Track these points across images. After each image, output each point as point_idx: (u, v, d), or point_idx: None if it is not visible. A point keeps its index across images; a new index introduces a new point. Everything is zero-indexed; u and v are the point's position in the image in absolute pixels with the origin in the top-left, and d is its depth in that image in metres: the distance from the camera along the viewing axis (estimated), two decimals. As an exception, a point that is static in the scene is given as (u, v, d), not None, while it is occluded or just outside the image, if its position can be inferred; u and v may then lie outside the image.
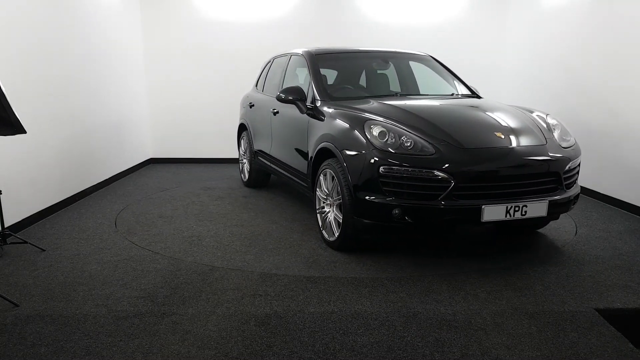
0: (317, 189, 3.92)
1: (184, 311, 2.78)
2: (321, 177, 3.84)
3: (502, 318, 2.71)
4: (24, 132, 3.23)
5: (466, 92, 4.66)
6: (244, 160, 6.10)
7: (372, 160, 3.28)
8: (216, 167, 7.49)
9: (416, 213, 3.23)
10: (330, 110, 3.92)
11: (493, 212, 3.19)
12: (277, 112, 4.85)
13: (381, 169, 3.24)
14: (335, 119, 3.79)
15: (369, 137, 3.37)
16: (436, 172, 3.15)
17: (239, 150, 6.38)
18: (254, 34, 7.47)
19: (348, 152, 3.47)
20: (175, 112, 7.71)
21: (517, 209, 3.22)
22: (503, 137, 3.42)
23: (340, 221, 3.60)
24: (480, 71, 7.57)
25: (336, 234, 3.69)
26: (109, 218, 4.67)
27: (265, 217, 4.70)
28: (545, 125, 3.73)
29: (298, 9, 7.44)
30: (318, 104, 4.13)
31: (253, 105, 5.71)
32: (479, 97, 4.58)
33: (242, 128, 6.15)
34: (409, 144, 3.28)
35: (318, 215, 3.95)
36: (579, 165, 3.66)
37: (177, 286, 3.12)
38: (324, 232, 3.88)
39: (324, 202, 3.86)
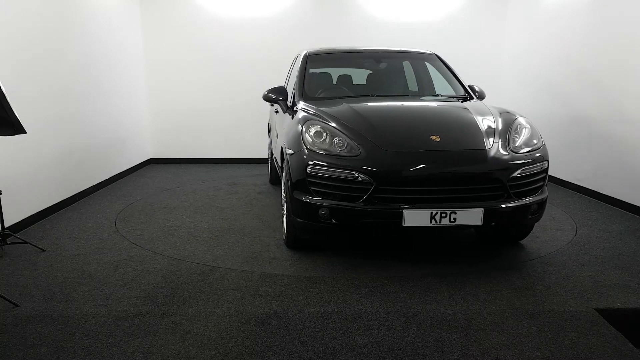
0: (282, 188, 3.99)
1: (184, 311, 2.78)
2: (283, 176, 3.88)
3: (502, 318, 2.71)
4: (24, 132, 3.24)
5: (462, 91, 4.55)
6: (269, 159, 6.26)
7: (303, 160, 3.32)
8: (217, 167, 7.50)
9: (339, 214, 3.21)
10: (298, 110, 3.97)
11: (415, 217, 3.10)
12: (278, 112, 4.88)
13: (308, 168, 3.28)
14: (293, 118, 3.84)
15: (304, 136, 3.42)
16: (357, 174, 3.15)
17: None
18: (255, 33, 7.47)
19: (289, 151, 3.53)
20: (175, 112, 7.72)
21: (444, 215, 3.09)
22: (438, 140, 3.29)
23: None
24: (481, 69, 7.58)
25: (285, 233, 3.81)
26: (109, 218, 4.67)
27: (254, 214, 4.79)
28: (501, 129, 3.48)
29: (298, 9, 7.44)
30: (294, 103, 4.21)
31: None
32: (468, 98, 4.41)
33: (268, 127, 6.32)
34: (340, 145, 3.29)
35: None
36: (540, 173, 3.39)
37: (177, 286, 3.12)
38: (284, 230, 3.94)
39: (284, 201, 3.91)
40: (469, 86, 4.57)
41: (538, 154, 3.41)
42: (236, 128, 7.74)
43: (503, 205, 3.20)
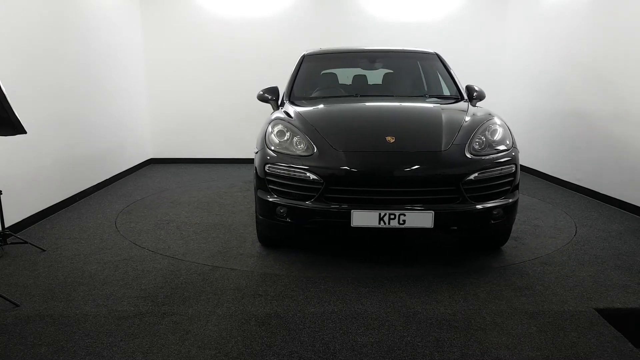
0: None
1: (184, 311, 2.78)
2: None
3: (502, 318, 2.71)
4: (24, 132, 3.24)
5: (455, 92, 4.43)
6: None
7: (263, 159, 3.41)
8: (217, 167, 7.50)
9: (293, 213, 3.25)
10: (280, 109, 4.02)
11: (364, 218, 3.09)
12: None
13: (266, 167, 3.36)
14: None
15: (267, 136, 3.50)
16: (308, 174, 3.18)
17: None
18: (255, 33, 7.47)
19: (255, 150, 3.62)
20: (175, 112, 7.72)
21: (392, 217, 3.07)
22: (392, 141, 3.26)
23: None
24: (482, 69, 7.58)
25: None
26: (109, 218, 4.67)
27: (249, 212, 4.85)
28: (466, 131, 3.37)
29: (298, 9, 7.44)
30: (282, 103, 4.28)
31: None
32: (460, 99, 4.29)
33: None
34: (299, 145, 3.34)
35: None
36: (505, 177, 3.26)
37: (177, 286, 3.12)
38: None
39: None
40: (468, 86, 4.47)
41: (503, 158, 3.28)
42: (236, 128, 7.74)
43: (455, 209, 3.12)
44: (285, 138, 3.41)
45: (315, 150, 3.26)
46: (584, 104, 5.61)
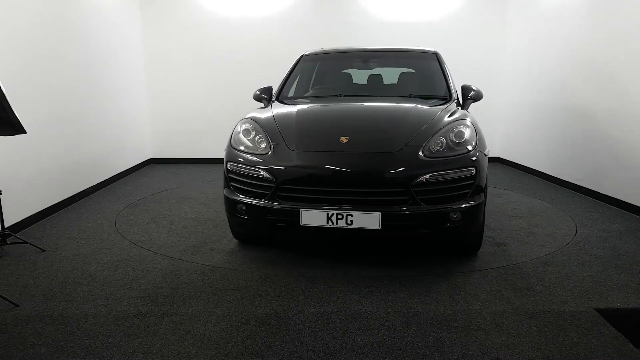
0: None
1: (184, 311, 2.78)
2: None
3: (502, 318, 2.71)
4: (24, 132, 3.23)
5: (443, 92, 4.30)
6: None
7: (226, 157, 3.54)
8: (217, 167, 7.49)
9: (250, 211, 3.33)
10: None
11: (312, 217, 3.11)
12: None
13: (229, 165, 3.48)
14: None
15: (234, 134, 3.60)
16: (262, 172, 3.25)
17: None
18: (255, 33, 7.47)
19: (225, 149, 3.67)
20: (175, 112, 7.72)
21: (340, 217, 3.08)
22: (346, 141, 3.24)
23: None
24: (482, 68, 7.58)
25: None
26: (109, 218, 4.67)
27: None
28: (428, 133, 3.29)
29: (298, 9, 7.44)
30: (271, 102, 4.35)
31: None
32: (449, 99, 4.18)
33: None
34: (261, 144, 3.40)
35: None
36: (463, 179, 3.15)
37: (177, 286, 3.12)
38: None
39: None
40: (464, 86, 4.31)
41: (462, 161, 3.17)
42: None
43: (403, 211, 3.08)
44: (250, 137, 3.49)
45: (271, 150, 3.33)
46: (584, 104, 5.61)
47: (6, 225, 3.86)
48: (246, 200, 3.33)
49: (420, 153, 3.17)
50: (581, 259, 3.62)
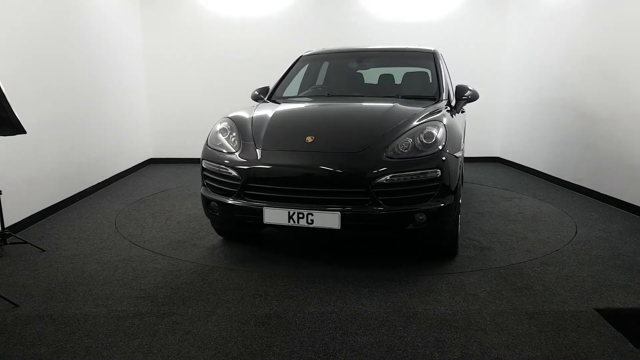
0: None
1: (184, 311, 2.78)
2: None
3: (502, 318, 2.71)
4: (24, 132, 3.24)
5: (434, 92, 4.22)
6: None
7: (202, 154, 3.59)
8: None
9: (220, 208, 3.38)
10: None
11: (274, 216, 3.14)
12: None
13: (204, 162, 3.52)
14: None
15: (211, 133, 3.63)
16: (229, 170, 3.29)
17: None
18: (255, 33, 7.47)
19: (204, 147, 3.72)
20: (175, 112, 7.72)
21: (301, 216, 3.09)
22: (310, 141, 3.24)
23: None
24: (482, 68, 7.58)
25: None
26: (109, 218, 4.67)
27: None
28: (396, 133, 3.24)
29: (298, 9, 7.44)
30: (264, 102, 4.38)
31: None
32: (438, 100, 4.04)
33: None
34: (234, 143, 3.44)
35: None
36: (427, 181, 3.08)
37: (177, 286, 3.12)
38: None
39: None
40: (459, 86, 4.21)
41: (427, 162, 3.09)
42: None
43: (362, 211, 3.05)
44: (226, 136, 3.53)
45: (240, 148, 3.37)
46: (584, 104, 5.61)
47: (6, 225, 3.86)
48: (217, 198, 3.39)
49: (384, 154, 3.13)
50: (581, 259, 3.61)
